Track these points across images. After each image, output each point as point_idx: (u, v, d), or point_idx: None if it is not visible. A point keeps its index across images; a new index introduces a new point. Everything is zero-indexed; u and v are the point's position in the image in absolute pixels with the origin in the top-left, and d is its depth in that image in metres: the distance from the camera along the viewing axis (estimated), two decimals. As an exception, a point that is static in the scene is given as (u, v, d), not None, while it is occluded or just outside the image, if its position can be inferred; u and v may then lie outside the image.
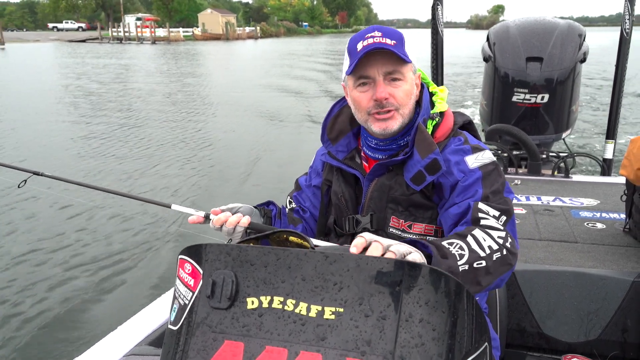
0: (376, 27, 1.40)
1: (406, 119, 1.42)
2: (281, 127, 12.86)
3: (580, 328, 2.17)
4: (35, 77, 23.76)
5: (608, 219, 3.05)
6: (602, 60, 18.54)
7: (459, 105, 14.63)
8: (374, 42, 1.35)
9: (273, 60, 35.80)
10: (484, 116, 5.26)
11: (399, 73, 1.37)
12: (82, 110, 15.00)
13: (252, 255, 0.93)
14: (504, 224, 1.32)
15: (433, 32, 4.75)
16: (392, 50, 1.34)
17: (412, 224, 1.44)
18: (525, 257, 2.45)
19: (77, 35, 74.00)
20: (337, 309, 0.87)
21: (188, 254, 1.00)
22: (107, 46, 57.70)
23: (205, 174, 8.50)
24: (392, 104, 1.39)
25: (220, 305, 0.92)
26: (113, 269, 4.81)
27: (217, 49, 54.37)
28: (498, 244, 1.23)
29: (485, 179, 1.38)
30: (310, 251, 0.92)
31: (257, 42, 76.39)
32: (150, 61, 35.99)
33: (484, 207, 1.33)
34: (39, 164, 8.78)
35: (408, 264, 0.89)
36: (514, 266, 1.28)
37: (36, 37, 59.98)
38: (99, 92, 19.10)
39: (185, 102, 16.91)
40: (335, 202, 1.57)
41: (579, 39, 4.74)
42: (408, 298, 0.86)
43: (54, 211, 4.66)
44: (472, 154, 1.41)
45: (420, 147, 1.39)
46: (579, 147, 9.51)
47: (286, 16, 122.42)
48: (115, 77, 24.17)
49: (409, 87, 1.40)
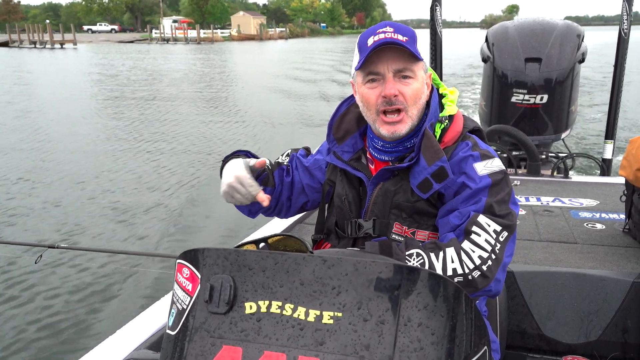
0: (388, 23, 1.35)
1: (415, 120, 1.38)
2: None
3: (581, 329, 2.17)
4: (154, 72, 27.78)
5: (607, 219, 3.04)
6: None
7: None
8: (385, 37, 1.31)
9: (320, 54, 41.98)
10: (483, 117, 5.26)
11: (410, 71, 1.33)
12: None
13: (250, 260, 0.93)
14: (501, 242, 1.29)
15: (432, 32, 4.76)
16: (404, 45, 1.30)
17: (415, 231, 1.41)
18: (525, 258, 2.44)
19: (114, 37, 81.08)
20: (335, 313, 0.86)
21: (186, 258, 1.00)
22: (157, 46, 63.11)
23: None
24: (401, 102, 1.34)
25: (218, 310, 0.91)
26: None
27: (261, 48, 61.21)
28: (468, 268, 1.25)
29: (493, 187, 1.34)
30: (309, 255, 0.92)
31: (287, 41, 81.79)
32: (218, 57, 42.09)
33: (485, 220, 1.30)
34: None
35: (407, 268, 0.89)
36: (481, 289, 1.26)
37: (79, 39, 64.76)
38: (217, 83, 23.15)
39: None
40: (337, 204, 1.53)
41: (577, 40, 4.75)
42: (407, 302, 0.86)
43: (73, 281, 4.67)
44: (481, 161, 1.37)
45: (426, 153, 1.35)
46: (583, 147, 9.52)
47: (308, 17, 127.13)
48: (220, 71, 29.36)
49: (420, 86, 1.36)
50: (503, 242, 1.29)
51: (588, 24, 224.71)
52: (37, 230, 5.85)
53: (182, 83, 22.37)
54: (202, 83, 22.61)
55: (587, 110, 13.39)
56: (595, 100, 14.92)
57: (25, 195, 7.29)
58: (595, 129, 11.12)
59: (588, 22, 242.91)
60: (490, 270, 1.26)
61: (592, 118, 12.48)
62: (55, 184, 7.87)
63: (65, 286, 4.43)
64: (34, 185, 7.84)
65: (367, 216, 1.46)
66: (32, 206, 6.73)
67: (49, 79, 24.01)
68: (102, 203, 6.96)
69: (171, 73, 26.93)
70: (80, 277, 4.55)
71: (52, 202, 6.88)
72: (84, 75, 25.91)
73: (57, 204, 6.85)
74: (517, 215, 1.37)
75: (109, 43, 68.44)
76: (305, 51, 48.93)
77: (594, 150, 9.09)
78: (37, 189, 7.58)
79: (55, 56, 43.08)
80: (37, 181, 7.98)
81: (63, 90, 19.66)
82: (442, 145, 1.40)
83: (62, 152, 10.07)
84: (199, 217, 6.48)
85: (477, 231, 1.28)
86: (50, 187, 7.70)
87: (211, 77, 25.50)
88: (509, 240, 1.31)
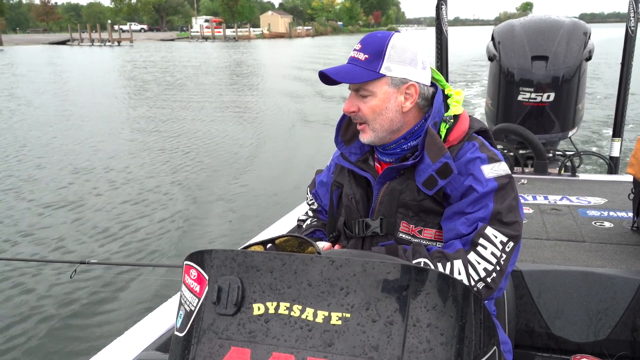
0: (364, 38, 1.43)
1: (381, 132, 1.43)
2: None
3: (590, 328, 2.15)
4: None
5: (616, 217, 3.02)
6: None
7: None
8: (352, 56, 1.41)
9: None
10: (490, 115, 5.23)
11: (363, 90, 1.39)
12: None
13: (258, 261, 0.93)
14: (506, 252, 1.32)
15: (437, 31, 4.74)
16: (358, 66, 1.38)
17: (422, 229, 1.43)
18: (533, 257, 2.43)
19: (154, 36, 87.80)
20: (344, 314, 0.86)
21: (193, 260, 1.00)
22: (198, 43, 69.25)
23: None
24: (360, 117, 1.42)
25: (226, 312, 0.91)
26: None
27: (293, 44, 67.37)
28: (474, 280, 1.29)
29: (499, 192, 1.35)
30: (317, 256, 0.92)
31: (314, 39, 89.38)
32: (261, 52, 48.09)
33: (492, 231, 1.32)
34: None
35: (415, 268, 0.88)
36: (485, 298, 1.31)
37: (126, 37, 70.60)
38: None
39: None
40: (345, 204, 1.57)
41: (584, 37, 4.71)
42: (415, 303, 0.85)
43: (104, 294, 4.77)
44: (488, 164, 1.39)
45: (430, 151, 1.37)
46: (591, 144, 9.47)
47: (329, 16, 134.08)
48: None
49: (378, 103, 1.40)
50: (509, 252, 1.33)
51: (603, 20, 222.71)
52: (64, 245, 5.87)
53: (255, 74, 26.61)
54: (266, 74, 26.88)
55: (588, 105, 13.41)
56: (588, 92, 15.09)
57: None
58: (592, 126, 11.09)
59: (604, 19, 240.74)
60: (494, 282, 1.31)
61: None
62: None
63: (90, 298, 4.52)
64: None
65: (375, 215, 1.48)
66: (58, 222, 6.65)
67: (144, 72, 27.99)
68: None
69: (234, 65, 32.16)
70: (107, 289, 4.64)
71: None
72: (160, 69, 29.46)
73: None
74: (523, 221, 1.39)
75: (152, 41, 74.70)
76: (333, 46, 55.87)
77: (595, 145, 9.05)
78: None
79: (123, 51, 49.19)
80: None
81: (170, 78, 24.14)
82: (447, 144, 1.42)
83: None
84: (214, 219, 6.48)
85: (483, 243, 1.31)
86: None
87: (272, 68, 30.23)
88: (514, 250, 1.34)
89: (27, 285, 4.70)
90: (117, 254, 5.37)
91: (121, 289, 4.59)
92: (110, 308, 4.32)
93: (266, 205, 6.91)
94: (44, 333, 4.00)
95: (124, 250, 5.49)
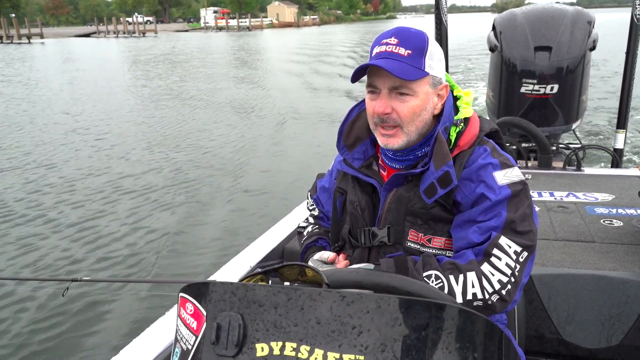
0: (395, 31, 1.30)
1: (413, 136, 1.33)
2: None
3: (601, 333, 2.10)
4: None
5: (625, 215, 2.95)
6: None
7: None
8: (386, 50, 1.27)
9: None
10: (491, 108, 5.14)
11: (407, 88, 1.28)
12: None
13: (260, 295, 0.85)
14: (520, 262, 1.27)
15: (437, 21, 4.63)
16: (402, 62, 1.25)
17: (431, 237, 1.37)
18: (542, 260, 2.36)
19: (168, 27, 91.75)
20: (357, 356, 0.78)
21: (189, 292, 0.91)
22: (211, 33, 72.36)
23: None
24: (394, 120, 1.30)
25: (226, 353, 0.83)
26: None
27: (302, 32, 71.07)
28: (488, 293, 1.24)
29: (513, 199, 1.30)
30: (325, 290, 0.83)
31: (320, 27, 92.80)
32: (277, 39, 51.39)
33: (506, 241, 1.27)
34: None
35: (435, 305, 0.80)
36: (499, 312, 1.27)
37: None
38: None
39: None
40: (350, 211, 1.49)
41: (588, 26, 4.61)
42: (436, 343, 0.78)
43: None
44: (501, 170, 1.32)
45: (436, 158, 1.31)
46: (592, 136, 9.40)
47: (331, 5, 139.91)
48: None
49: (419, 103, 1.30)
50: (523, 262, 1.27)
51: (601, 5, 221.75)
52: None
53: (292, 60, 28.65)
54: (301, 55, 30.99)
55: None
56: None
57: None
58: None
59: (601, 4, 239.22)
60: (509, 294, 1.26)
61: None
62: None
63: (82, 315, 4.41)
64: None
65: (381, 224, 1.42)
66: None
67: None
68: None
69: (267, 51, 36.42)
70: (99, 306, 4.53)
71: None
72: (196, 58, 31.32)
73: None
74: (537, 230, 1.33)
75: (168, 32, 77.28)
76: (340, 33, 59.15)
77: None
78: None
79: (157, 41, 52.05)
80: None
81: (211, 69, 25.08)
82: (458, 150, 1.35)
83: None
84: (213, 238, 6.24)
85: (497, 254, 1.26)
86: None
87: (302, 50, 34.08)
88: (529, 261, 1.29)
89: (19, 304, 4.53)
90: (107, 270, 5.20)
91: (114, 305, 4.48)
92: (102, 327, 4.21)
93: (266, 206, 6.85)
94: (35, 350, 3.90)
95: (115, 266, 5.32)
